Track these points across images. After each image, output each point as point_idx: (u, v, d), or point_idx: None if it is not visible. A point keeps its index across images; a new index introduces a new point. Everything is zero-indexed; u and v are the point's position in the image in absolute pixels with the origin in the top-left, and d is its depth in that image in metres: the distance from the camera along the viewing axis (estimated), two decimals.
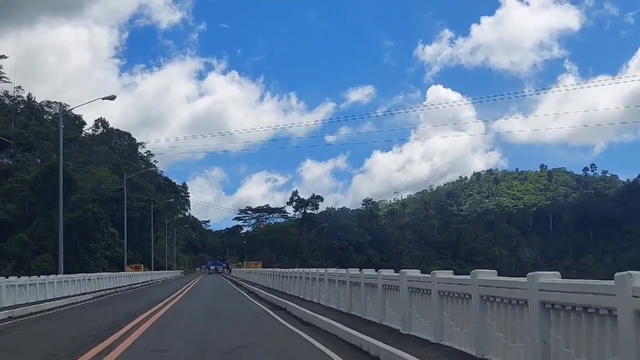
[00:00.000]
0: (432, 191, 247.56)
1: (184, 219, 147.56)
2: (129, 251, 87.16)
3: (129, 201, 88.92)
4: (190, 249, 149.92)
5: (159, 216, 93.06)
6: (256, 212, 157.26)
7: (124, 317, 17.32)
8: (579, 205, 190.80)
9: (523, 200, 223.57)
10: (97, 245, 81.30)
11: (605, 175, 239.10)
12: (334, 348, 10.27)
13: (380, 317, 12.27)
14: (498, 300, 7.40)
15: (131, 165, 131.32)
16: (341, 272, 16.58)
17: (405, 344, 9.19)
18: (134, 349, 10.68)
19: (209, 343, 11.72)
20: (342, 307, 15.69)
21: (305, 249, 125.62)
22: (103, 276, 39.71)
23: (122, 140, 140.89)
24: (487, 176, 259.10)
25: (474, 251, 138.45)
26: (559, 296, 5.99)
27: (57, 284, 28.13)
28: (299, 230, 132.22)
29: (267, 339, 12.55)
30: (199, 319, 17.83)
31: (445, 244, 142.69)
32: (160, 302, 24.44)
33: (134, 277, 51.53)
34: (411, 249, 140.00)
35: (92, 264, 78.58)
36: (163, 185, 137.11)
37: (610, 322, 5.26)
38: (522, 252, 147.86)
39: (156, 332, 13.62)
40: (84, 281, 33.94)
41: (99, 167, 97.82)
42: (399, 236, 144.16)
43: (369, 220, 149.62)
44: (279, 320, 16.27)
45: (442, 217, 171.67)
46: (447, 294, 9.06)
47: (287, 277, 26.32)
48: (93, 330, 13.75)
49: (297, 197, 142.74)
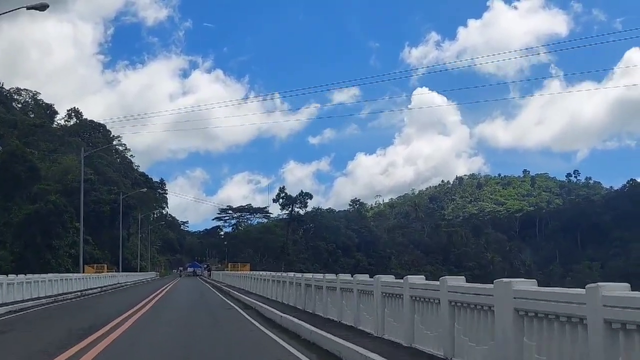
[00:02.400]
0: (414, 195, 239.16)
1: (160, 217, 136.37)
2: (97, 250, 76.23)
3: (97, 193, 77.96)
4: (167, 249, 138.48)
5: (131, 211, 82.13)
6: (237, 212, 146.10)
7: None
8: (566, 211, 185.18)
9: (506, 205, 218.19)
10: (60, 242, 70.24)
11: (589, 182, 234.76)
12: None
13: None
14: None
15: (105, 159, 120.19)
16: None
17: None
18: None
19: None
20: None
21: (291, 251, 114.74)
22: (44, 279, 29.15)
23: (97, 133, 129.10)
24: (469, 181, 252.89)
25: (466, 256, 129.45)
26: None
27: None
28: (285, 230, 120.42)
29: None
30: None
31: (436, 248, 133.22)
32: (103, 326, 14.24)
33: (92, 281, 40.92)
34: (400, 252, 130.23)
35: (54, 263, 67.69)
36: (139, 181, 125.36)
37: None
38: (516, 258, 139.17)
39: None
40: (10, 285, 23.62)
41: (66, 156, 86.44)
42: (388, 239, 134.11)
43: (356, 222, 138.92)
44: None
45: (430, 220, 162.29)
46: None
47: (319, 288, 16.04)
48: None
49: (284, 194, 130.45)
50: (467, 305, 7.45)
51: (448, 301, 7.91)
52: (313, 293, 16.30)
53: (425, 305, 8.90)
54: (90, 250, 73.69)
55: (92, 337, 12.11)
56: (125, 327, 14.56)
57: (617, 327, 4.92)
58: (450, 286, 7.91)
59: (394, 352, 8.80)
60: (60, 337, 12.69)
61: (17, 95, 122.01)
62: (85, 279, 38.21)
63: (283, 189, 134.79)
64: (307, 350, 10.46)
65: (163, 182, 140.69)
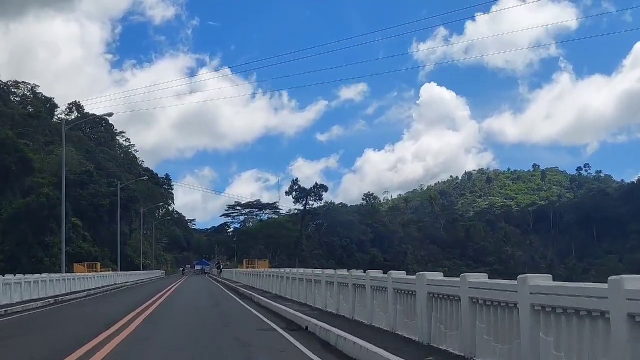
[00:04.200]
0: (422, 191, 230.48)
1: (167, 214, 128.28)
2: (95, 247, 68.07)
3: (96, 186, 69.77)
4: (174, 247, 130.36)
5: (134, 204, 73.86)
6: (246, 208, 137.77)
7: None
8: (580, 205, 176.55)
9: (516, 199, 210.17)
10: (55, 239, 62.00)
11: (600, 175, 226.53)
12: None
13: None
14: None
15: (107, 153, 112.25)
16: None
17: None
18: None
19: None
20: None
21: (305, 247, 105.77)
22: (8, 281, 21.02)
23: (98, 127, 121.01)
24: (478, 175, 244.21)
25: (484, 251, 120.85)
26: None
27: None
28: (298, 225, 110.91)
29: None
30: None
31: (453, 243, 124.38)
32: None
33: (78, 282, 32.62)
34: (416, 247, 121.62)
35: (48, 261, 59.50)
36: (144, 176, 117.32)
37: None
38: (536, 252, 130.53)
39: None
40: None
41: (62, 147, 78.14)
42: (403, 234, 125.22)
43: (370, 216, 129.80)
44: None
45: (443, 215, 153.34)
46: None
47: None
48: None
49: (297, 186, 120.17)
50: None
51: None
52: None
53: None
54: (88, 247, 65.64)
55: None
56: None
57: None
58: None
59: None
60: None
61: (15, 88, 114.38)
62: (67, 280, 29.88)
63: (296, 180, 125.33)
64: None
65: (169, 178, 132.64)
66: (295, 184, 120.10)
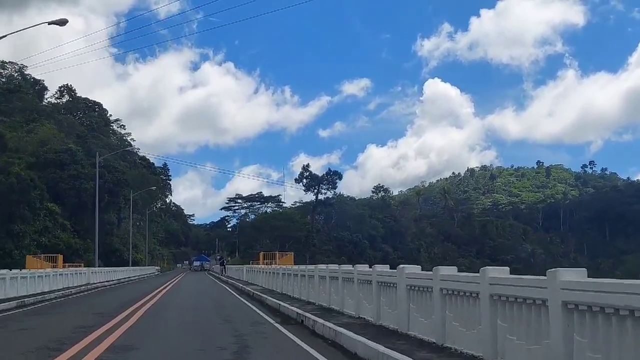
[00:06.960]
0: (424, 188, 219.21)
1: (164, 207, 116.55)
2: (76, 238, 56.24)
3: (78, 166, 57.89)
4: (171, 241, 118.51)
5: (122, 189, 62.04)
6: (247, 201, 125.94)
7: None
8: (590, 202, 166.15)
9: (521, 197, 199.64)
10: (27, 228, 50.34)
11: (605, 173, 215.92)
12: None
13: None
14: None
15: (101, 139, 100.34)
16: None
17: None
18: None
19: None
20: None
21: (317, 241, 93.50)
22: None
23: (91, 112, 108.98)
24: (481, 172, 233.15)
25: (502, 248, 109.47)
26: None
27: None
28: (309, 217, 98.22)
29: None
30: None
31: (468, 240, 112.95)
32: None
33: (30, 282, 20.79)
34: (429, 244, 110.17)
35: (17, 254, 47.77)
36: (139, 165, 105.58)
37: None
38: (557, 250, 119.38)
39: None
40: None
41: (43, 125, 66.33)
42: (416, 229, 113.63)
43: (381, 211, 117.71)
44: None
45: (461, 209, 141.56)
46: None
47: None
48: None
49: (308, 173, 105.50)
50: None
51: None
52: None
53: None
54: (68, 238, 53.85)
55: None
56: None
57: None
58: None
59: None
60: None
61: (1, 68, 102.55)
62: (4, 279, 18.07)
63: (307, 166, 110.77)
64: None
65: (166, 168, 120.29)
66: (307, 171, 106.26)
